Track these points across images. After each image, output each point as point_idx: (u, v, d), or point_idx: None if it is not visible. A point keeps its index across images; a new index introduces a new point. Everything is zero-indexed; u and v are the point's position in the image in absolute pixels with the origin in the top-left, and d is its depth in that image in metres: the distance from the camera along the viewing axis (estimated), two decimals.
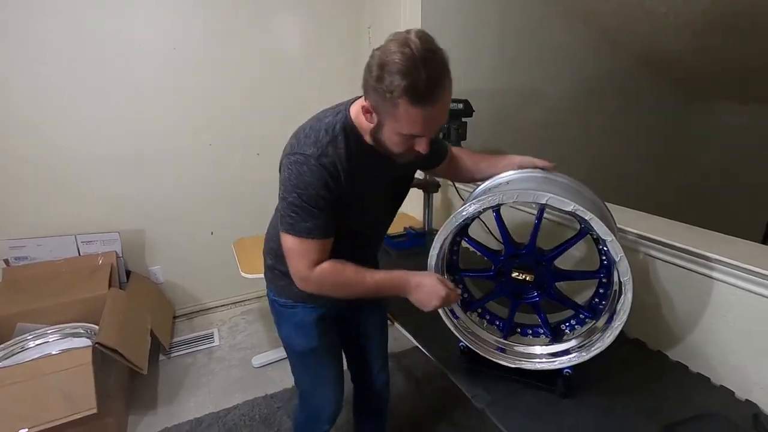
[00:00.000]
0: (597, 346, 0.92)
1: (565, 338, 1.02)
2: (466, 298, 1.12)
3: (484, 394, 1.01)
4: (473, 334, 1.07)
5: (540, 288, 1.00)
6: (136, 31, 1.99)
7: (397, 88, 0.72)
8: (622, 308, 0.87)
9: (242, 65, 2.24)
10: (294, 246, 0.89)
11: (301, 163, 0.84)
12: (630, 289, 0.85)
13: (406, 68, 0.71)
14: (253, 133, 2.38)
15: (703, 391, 1.03)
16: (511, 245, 0.98)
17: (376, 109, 0.80)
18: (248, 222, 2.45)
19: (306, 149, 0.85)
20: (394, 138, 0.83)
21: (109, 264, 2.03)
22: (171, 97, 2.13)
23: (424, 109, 0.76)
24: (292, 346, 1.13)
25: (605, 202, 1.05)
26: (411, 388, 1.96)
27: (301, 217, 0.86)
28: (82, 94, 1.96)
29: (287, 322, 1.10)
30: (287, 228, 0.88)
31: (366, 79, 0.79)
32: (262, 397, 1.89)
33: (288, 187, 0.86)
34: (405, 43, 0.72)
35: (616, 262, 0.84)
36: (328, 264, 0.91)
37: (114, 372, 1.65)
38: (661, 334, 1.15)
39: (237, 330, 2.40)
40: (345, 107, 0.91)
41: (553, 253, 0.95)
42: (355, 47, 2.44)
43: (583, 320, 1.01)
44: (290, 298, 1.07)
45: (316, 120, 0.91)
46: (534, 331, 1.08)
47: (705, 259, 1.01)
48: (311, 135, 0.87)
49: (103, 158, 2.07)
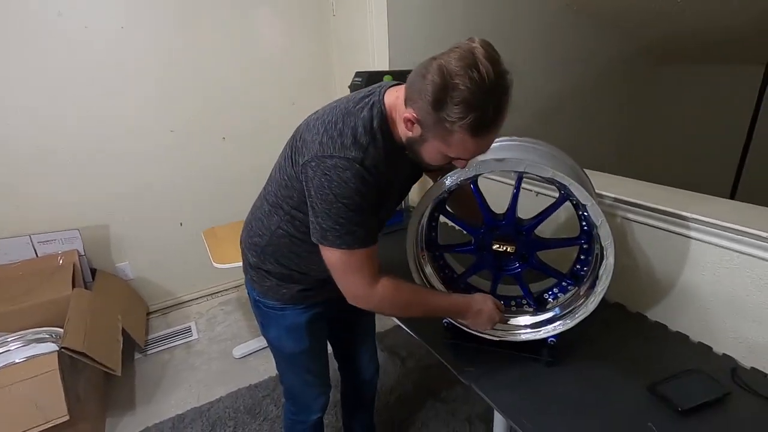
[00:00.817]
0: (581, 313, 0.92)
1: (548, 307, 1.01)
2: (447, 274, 1.09)
3: (471, 369, 0.99)
4: None
5: (521, 259, 0.98)
6: (78, 6, 1.83)
7: (459, 121, 0.65)
8: (604, 273, 0.86)
9: (200, 45, 2.10)
10: (346, 260, 0.80)
11: (344, 169, 0.74)
12: (612, 253, 0.83)
13: (473, 100, 0.63)
14: (216, 117, 2.26)
15: (682, 349, 1.05)
16: (490, 217, 0.95)
17: (423, 125, 0.71)
18: (218, 210, 2.36)
19: (347, 152, 0.75)
20: (436, 156, 0.76)
21: (70, 264, 1.91)
22: (123, 81, 1.99)
23: (483, 138, 0.69)
24: (280, 348, 1.08)
25: (583, 168, 1.03)
26: (395, 366, 1.95)
27: (349, 229, 0.77)
28: (22, 82, 1.80)
29: (276, 324, 1.04)
30: (335, 243, 0.78)
31: (417, 92, 0.69)
32: (246, 388, 1.85)
33: (328, 197, 0.75)
34: (473, 63, 0.63)
35: (597, 226, 0.83)
36: (389, 281, 0.84)
37: (84, 375, 1.57)
38: (640, 296, 1.16)
39: (215, 322, 2.34)
40: (378, 97, 0.80)
41: (533, 222, 0.93)
42: (320, 19, 2.33)
43: (566, 288, 1.00)
44: (278, 300, 0.99)
45: (347, 113, 0.79)
46: (517, 302, 1.07)
47: (680, 218, 1.01)
48: (348, 134, 0.76)
49: (55, 151, 1.92)
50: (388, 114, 0.79)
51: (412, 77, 0.72)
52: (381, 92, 0.81)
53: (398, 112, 0.78)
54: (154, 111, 2.10)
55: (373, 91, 0.83)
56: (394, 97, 0.80)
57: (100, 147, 2.02)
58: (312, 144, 0.78)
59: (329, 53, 2.39)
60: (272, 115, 2.37)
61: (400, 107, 0.77)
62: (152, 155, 2.16)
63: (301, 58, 2.34)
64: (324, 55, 2.39)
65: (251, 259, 1.00)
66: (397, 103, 0.78)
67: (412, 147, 0.78)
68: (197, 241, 2.09)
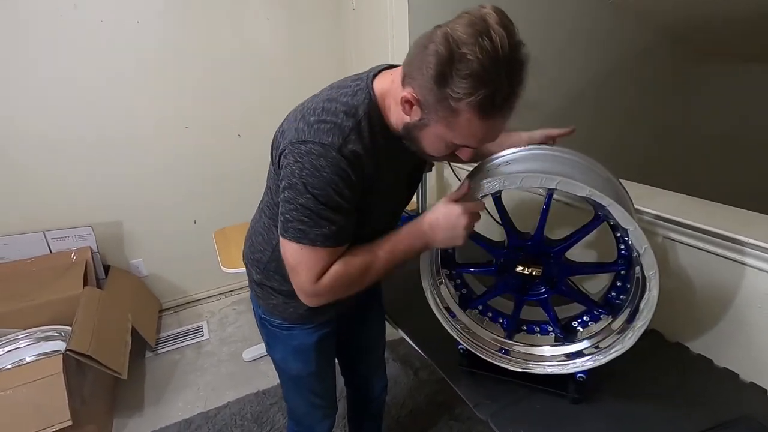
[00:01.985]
0: (616, 349, 0.81)
1: (578, 338, 0.90)
2: (465, 294, 1.00)
3: (487, 402, 0.90)
4: (473, 334, 0.96)
5: (549, 283, 0.88)
6: (95, 2, 1.79)
7: (467, 97, 0.55)
8: (645, 307, 0.75)
9: (216, 40, 2.04)
10: (303, 257, 0.70)
11: (318, 155, 0.65)
12: (656, 284, 0.72)
13: (484, 73, 0.54)
14: (232, 113, 2.20)
15: (730, 390, 0.92)
16: (514, 236, 0.85)
17: (423, 106, 0.62)
18: (231, 208, 2.32)
19: (323, 137, 0.66)
20: (438, 143, 0.66)
21: (83, 260, 1.90)
22: (139, 76, 1.95)
23: (493, 121, 0.59)
24: (286, 369, 1.00)
25: (619, 179, 0.91)
26: (408, 378, 1.87)
27: (315, 222, 0.68)
28: (36, 76, 1.78)
29: (282, 344, 0.96)
30: (296, 236, 0.69)
31: (417, 67, 0.60)
32: (254, 394, 1.80)
33: (298, 185, 0.66)
34: (484, 30, 0.53)
35: (640, 254, 0.72)
36: (333, 270, 0.73)
37: (90, 377, 1.55)
38: (682, 324, 1.04)
39: (227, 322, 2.30)
40: (366, 83, 0.71)
41: (563, 245, 0.82)
42: (338, 13, 2.24)
43: (598, 316, 0.90)
44: (285, 319, 0.91)
45: (328, 99, 0.70)
46: (542, 328, 0.97)
47: (737, 243, 0.88)
48: (327, 118, 0.67)
49: (70, 146, 1.91)
50: (378, 100, 0.70)
51: (411, 51, 0.62)
52: (369, 77, 0.71)
53: (393, 97, 0.68)
54: (169, 107, 2.06)
55: (361, 76, 0.73)
56: (389, 81, 0.70)
57: (115, 143, 1.99)
58: (288, 132, 0.70)
59: (348, 48, 2.30)
60: (289, 111, 2.29)
61: (395, 90, 0.67)
62: (167, 151, 2.12)
63: (319, 53, 2.26)
64: (342, 50, 2.30)
65: (255, 276, 0.93)
66: (392, 87, 0.69)
67: (411, 134, 0.68)
68: (211, 239, 2.05)
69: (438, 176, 1.93)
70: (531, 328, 0.97)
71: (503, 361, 0.91)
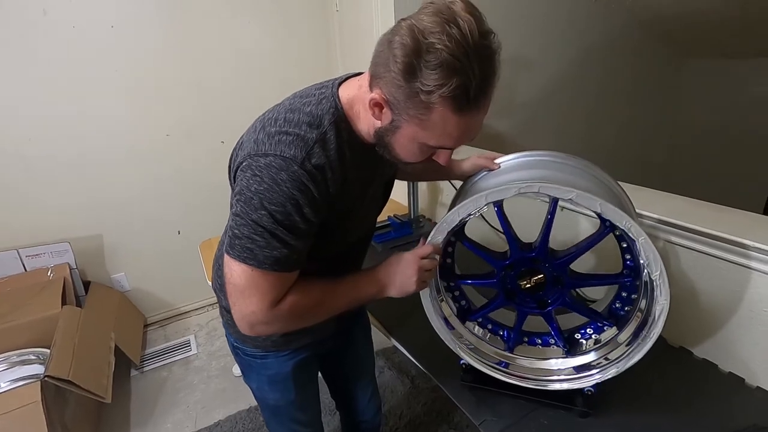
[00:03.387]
0: (625, 362, 0.78)
1: (583, 349, 0.87)
2: (463, 306, 0.96)
3: (493, 419, 0.86)
4: (474, 348, 0.92)
5: (551, 295, 0.85)
6: (64, 5, 1.70)
7: (438, 89, 0.51)
8: (657, 321, 0.72)
9: (196, 44, 1.97)
10: (251, 280, 0.63)
11: (279, 169, 0.59)
12: (667, 295, 0.69)
13: (454, 61, 0.50)
14: (214, 119, 2.13)
15: (738, 395, 0.90)
16: (517, 247, 0.81)
17: (393, 106, 0.58)
18: (216, 217, 2.19)
19: (284, 149, 0.60)
20: (412, 146, 0.62)
21: (61, 278, 1.81)
22: (115, 83, 1.87)
23: (468, 117, 0.55)
24: (264, 399, 0.95)
25: (618, 182, 0.89)
26: (405, 387, 1.83)
27: (268, 243, 0.61)
28: (4, 85, 1.69)
29: (257, 374, 0.90)
30: (242, 255, 0.62)
31: (384, 64, 0.56)
32: (245, 411, 1.74)
33: (253, 200, 0.60)
34: (450, 19, 0.50)
35: (650, 268, 0.69)
36: (289, 299, 0.67)
37: (72, 402, 1.47)
38: (685, 329, 1.02)
39: (215, 335, 2.23)
40: (331, 91, 0.67)
41: (568, 257, 0.79)
42: (322, 15, 2.19)
43: (602, 328, 0.87)
44: (258, 347, 0.85)
45: (291, 109, 0.65)
46: (543, 340, 0.94)
47: (741, 246, 0.86)
48: (288, 130, 0.62)
49: (43, 158, 1.82)
50: (345, 109, 0.66)
51: (376, 50, 0.58)
52: (335, 84, 0.67)
53: (362, 102, 0.64)
54: (148, 114, 1.98)
55: (326, 84, 0.69)
56: (356, 86, 0.66)
57: (91, 153, 1.90)
58: (247, 144, 0.65)
59: (332, 51, 2.25)
60: None
61: (363, 96, 0.63)
62: (147, 160, 2.04)
63: (302, 56, 2.20)
64: (327, 53, 2.25)
65: (224, 302, 0.84)
66: (359, 93, 0.65)
67: (383, 140, 0.64)
68: (196, 250, 1.98)
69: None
70: (533, 340, 0.94)
71: (511, 377, 0.87)
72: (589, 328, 0.88)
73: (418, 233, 1.68)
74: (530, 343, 0.94)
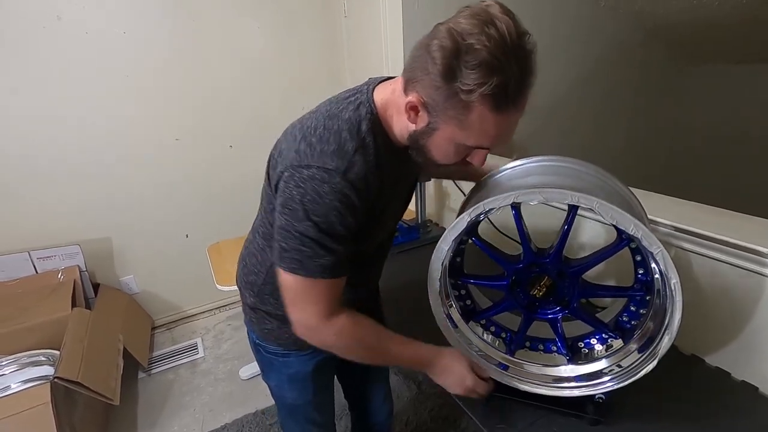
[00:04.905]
0: (637, 372, 0.77)
1: (585, 359, 0.87)
2: (468, 306, 0.96)
3: (503, 426, 0.86)
4: (484, 354, 0.92)
5: (561, 303, 0.84)
6: (78, 11, 1.73)
7: (479, 88, 0.52)
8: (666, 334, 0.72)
9: (205, 49, 1.99)
10: (303, 289, 0.67)
11: (322, 181, 0.61)
12: (679, 309, 0.69)
13: (494, 60, 0.51)
14: (223, 124, 2.15)
15: (753, 404, 0.89)
16: (531, 252, 0.81)
17: (431, 108, 0.58)
18: (224, 221, 2.26)
19: (326, 161, 0.62)
20: (448, 148, 0.62)
21: (71, 280, 1.82)
22: (126, 88, 1.89)
23: (507, 115, 0.56)
24: (282, 398, 0.96)
25: (630, 188, 0.88)
26: (411, 392, 1.82)
27: (315, 252, 0.64)
28: (18, 90, 1.71)
29: (277, 372, 0.92)
30: (293, 267, 0.65)
31: (421, 67, 0.57)
32: (252, 414, 1.74)
33: (298, 212, 0.62)
34: (488, 20, 0.52)
35: (668, 280, 0.68)
36: (347, 319, 0.71)
37: (81, 404, 1.48)
38: (698, 337, 1.01)
39: (222, 338, 2.24)
40: (366, 95, 0.68)
41: (582, 266, 0.78)
42: (330, 21, 2.20)
43: (606, 339, 0.86)
44: (281, 344, 0.87)
45: (329, 116, 0.66)
46: (546, 346, 0.93)
47: (755, 253, 0.86)
48: (329, 139, 0.63)
49: (56, 162, 1.84)
50: (380, 113, 0.66)
51: (412, 53, 0.59)
52: (369, 89, 0.68)
53: (396, 106, 0.65)
54: (157, 118, 2.00)
55: (361, 89, 0.70)
56: (389, 91, 0.67)
57: (101, 157, 1.93)
58: (288, 153, 0.66)
59: (340, 56, 2.26)
60: (282, 121, 2.22)
61: (397, 100, 0.64)
62: (156, 164, 2.06)
63: (311, 61, 2.21)
64: (335, 59, 2.26)
65: (249, 300, 0.88)
66: (393, 98, 0.66)
67: (418, 143, 0.64)
68: (203, 253, 1.99)
69: (437, 184, 1.89)
70: (535, 345, 0.94)
71: (523, 383, 0.87)
72: (593, 338, 0.88)
73: (426, 238, 1.68)
74: (532, 348, 0.94)
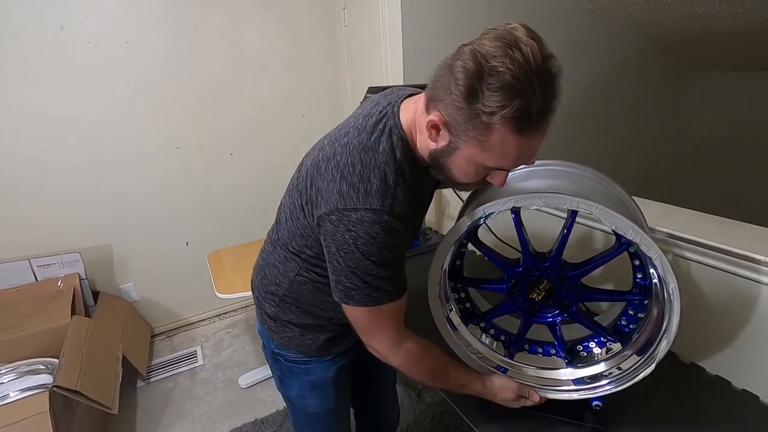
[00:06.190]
0: (635, 375, 0.77)
1: (584, 362, 0.87)
2: (468, 309, 0.96)
3: None
4: (483, 357, 0.92)
5: (560, 306, 0.84)
6: (80, 21, 1.75)
7: (500, 110, 0.52)
8: (664, 338, 0.72)
9: (207, 59, 2.01)
10: (373, 318, 0.71)
11: (372, 223, 0.63)
12: (677, 313, 0.69)
13: (517, 84, 0.51)
14: (224, 132, 2.16)
15: (754, 413, 0.89)
16: (530, 257, 0.81)
17: (452, 128, 0.59)
18: (224, 229, 2.27)
19: (372, 201, 0.63)
20: (468, 168, 0.62)
21: (71, 288, 1.83)
22: (128, 97, 1.91)
23: (528, 138, 0.56)
24: (302, 407, 0.96)
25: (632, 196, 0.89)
26: (412, 401, 1.81)
27: (378, 285, 0.67)
28: (21, 99, 1.73)
29: (299, 380, 0.92)
30: (363, 301, 0.68)
31: (444, 87, 0.57)
32: (251, 423, 1.73)
33: (355, 254, 0.64)
34: (513, 43, 0.51)
35: (666, 284, 0.68)
36: (415, 345, 0.76)
37: (79, 413, 1.47)
38: (698, 345, 1.01)
39: (222, 346, 2.23)
40: (394, 121, 0.67)
41: (581, 270, 0.79)
42: (330, 30, 2.23)
43: (604, 343, 0.86)
44: (302, 351, 0.88)
45: (363, 149, 0.65)
46: (545, 350, 0.93)
47: (753, 261, 0.86)
48: (370, 177, 0.64)
49: (57, 170, 1.85)
50: (407, 135, 0.67)
51: (436, 73, 0.59)
52: (395, 111, 0.68)
53: (418, 125, 0.65)
54: (159, 127, 2.02)
55: (386, 112, 0.69)
56: (412, 111, 0.67)
57: (103, 165, 1.94)
58: (329, 194, 0.66)
59: (340, 65, 2.28)
60: (282, 129, 2.27)
61: (419, 118, 0.65)
62: (157, 173, 2.07)
63: (311, 70, 2.23)
64: (335, 68, 2.28)
65: (269, 310, 0.88)
66: (416, 116, 0.66)
67: (438, 161, 0.65)
68: (203, 261, 2.00)
69: (436, 193, 1.90)
70: (534, 348, 0.94)
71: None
72: (592, 342, 0.88)
73: (425, 245, 1.68)
74: (531, 351, 0.94)
